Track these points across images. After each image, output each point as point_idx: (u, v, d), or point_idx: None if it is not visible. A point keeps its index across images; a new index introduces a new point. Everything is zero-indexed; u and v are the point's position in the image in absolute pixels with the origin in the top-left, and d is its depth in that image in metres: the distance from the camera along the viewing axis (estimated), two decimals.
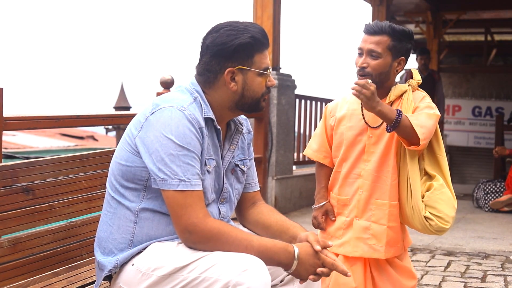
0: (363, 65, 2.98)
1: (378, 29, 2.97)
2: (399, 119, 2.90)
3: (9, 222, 2.50)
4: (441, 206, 3.00)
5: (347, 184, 3.13)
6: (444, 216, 2.99)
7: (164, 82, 5.26)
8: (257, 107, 2.43)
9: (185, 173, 2.22)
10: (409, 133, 2.92)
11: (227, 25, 2.37)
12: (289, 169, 7.76)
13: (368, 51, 2.98)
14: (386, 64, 2.99)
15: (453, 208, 3.03)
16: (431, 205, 3.00)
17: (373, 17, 10.43)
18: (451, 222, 3.01)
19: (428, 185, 3.03)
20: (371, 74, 2.97)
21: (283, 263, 2.28)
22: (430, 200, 3.00)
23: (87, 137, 21.75)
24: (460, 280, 4.76)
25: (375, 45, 2.97)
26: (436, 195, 3.00)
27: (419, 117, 2.95)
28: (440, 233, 3.05)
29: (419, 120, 2.93)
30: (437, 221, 2.99)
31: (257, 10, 7.42)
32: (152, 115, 2.28)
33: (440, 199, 3.00)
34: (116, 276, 2.36)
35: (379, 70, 2.98)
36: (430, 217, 2.99)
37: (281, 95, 7.41)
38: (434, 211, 2.99)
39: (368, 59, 2.98)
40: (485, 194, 8.38)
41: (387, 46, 2.97)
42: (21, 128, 4.23)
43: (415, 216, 3.01)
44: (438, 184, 3.02)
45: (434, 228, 3.00)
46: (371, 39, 2.98)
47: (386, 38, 2.97)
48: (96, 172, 2.95)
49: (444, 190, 3.02)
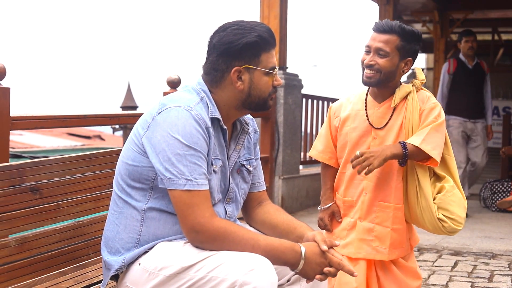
0: (371, 62, 2.97)
1: (388, 28, 2.96)
2: (406, 152, 2.93)
3: (16, 221, 2.50)
4: (453, 208, 3.01)
5: (353, 185, 3.12)
6: (457, 217, 3.00)
7: (171, 82, 5.26)
8: (264, 106, 2.43)
9: (192, 173, 2.22)
10: (423, 157, 2.96)
11: (234, 24, 2.37)
12: (296, 169, 7.75)
13: (376, 49, 2.96)
14: (393, 64, 2.97)
15: (464, 209, 3.04)
16: (444, 207, 3.00)
17: (380, 16, 10.41)
18: (463, 223, 3.03)
19: (440, 186, 3.03)
20: (379, 72, 2.96)
21: (289, 263, 2.28)
22: (442, 202, 3.00)
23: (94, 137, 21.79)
24: (467, 280, 4.75)
25: (383, 44, 2.95)
26: (448, 197, 3.01)
27: (428, 139, 2.95)
28: (452, 234, 3.07)
29: (430, 143, 2.94)
30: (450, 223, 3.00)
31: (264, 10, 7.42)
32: (159, 115, 2.28)
33: (452, 201, 3.01)
34: (123, 275, 2.36)
35: (387, 68, 2.96)
36: (444, 219, 3.00)
37: (287, 95, 7.40)
38: (447, 213, 3.00)
39: (376, 57, 2.97)
40: (492, 194, 8.35)
41: (396, 46, 2.96)
42: (28, 127, 4.24)
43: (426, 218, 3.00)
44: (449, 186, 3.02)
45: (447, 229, 3.01)
46: (380, 37, 2.97)
47: (395, 38, 2.95)
48: (103, 171, 2.96)
49: (455, 191, 3.03)
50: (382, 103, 3.06)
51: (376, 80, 2.98)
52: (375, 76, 2.97)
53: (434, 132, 2.97)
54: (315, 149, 3.25)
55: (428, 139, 2.94)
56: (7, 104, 3.78)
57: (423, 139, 2.94)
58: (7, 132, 3.81)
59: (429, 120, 2.99)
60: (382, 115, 3.06)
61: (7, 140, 3.81)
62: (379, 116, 3.05)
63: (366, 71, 2.99)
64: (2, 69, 3.74)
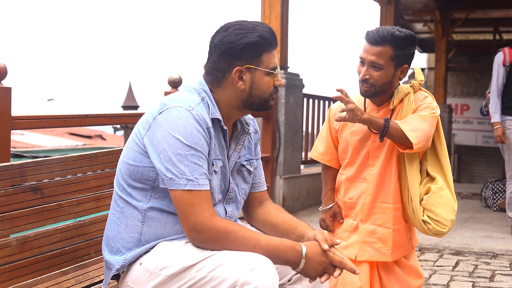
0: (366, 77, 2.94)
1: (379, 39, 2.90)
2: (387, 126, 2.92)
3: (17, 221, 2.51)
4: (438, 209, 2.99)
5: (353, 187, 3.13)
6: (441, 219, 2.99)
7: (172, 82, 5.26)
8: (265, 106, 2.43)
9: (193, 173, 2.22)
10: (401, 138, 2.92)
11: (235, 24, 2.37)
12: (297, 168, 7.75)
13: (370, 63, 2.93)
14: (388, 75, 2.95)
15: (452, 211, 3.01)
16: (429, 209, 3.00)
17: (381, 16, 10.41)
18: (449, 226, 3.01)
19: (427, 188, 3.03)
20: (374, 86, 2.95)
21: (291, 262, 2.28)
22: (428, 203, 3.00)
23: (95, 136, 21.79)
24: (468, 280, 4.75)
25: (376, 57, 2.91)
26: (434, 199, 3.00)
27: (410, 121, 2.93)
28: (439, 236, 3.07)
29: (411, 125, 2.91)
30: (434, 225, 2.99)
31: (265, 10, 7.42)
32: (160, 114, 2.29)
33: (438, 202, 2.99)
34: (124, 275, 2.37)
35: (382, 81, 2.95)
36: (428, 221, 2.99)
37: (289, 94, 7.41)
38: (431, 215, 2.99)
39: (371, 70, 2.94)
40: (493, 194, 8.35)
41: (389, 57, 2.92)
42: (29, 127, 4.24)
43: (416, 219, 3.02)
44: (436, 187, 3.01)
45: (432, 231, 3.01)
46: (372, 50, 2.92)
47: (388, 49, 2.91)
48: (104, 171, 2.96)
49: (443, 193, 3.01)
50: (381, 107, 3.06)
51: (373, 93, 2.98)
52: (370, 89, 2.96)
53: (418, 118, 2.94)
54: (316, 151, 3.25)
55: (409, 121, 2.93)
56: (8, 104, 3.78)
57: (404, 120, 2.94)
58: (8, 132, 3.81)
59: (420, 113, 2.98)
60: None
61: (8, 140, 3.82)
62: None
63: (361, 84, 2.98)
64: (3, 69, 3.74)
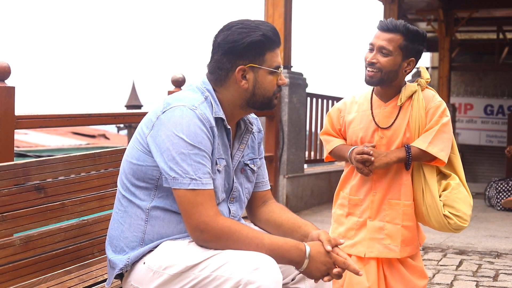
0: (373, 60, 2.97)
1: (392, 26, 2.96)
2: (410, 156, 2.99)
3: (21, 220, 2.51)
4: (459, 205, 3.03)
5: (361, 184, 3.12)
6: (462, 215, 3.03)
7: (176, 81, 5.27)
8: (269, 105, 2.43)
9: (196, 172, 2.22)
10: (428, 157, 3.00)
11: (238, 23, 2.37)
12: (301, 168, 7.75)
13: (379, 48, 2.97)
14: (395, 63, 2.97)
15: (470, 206, 3.07)
16: (450, 204, 3.03)
17: (385, 15, 10.41)
18: (468, 220, 3.06)
19: (445, 184, 3.06)
20: (380, 71, 2.96)
21: (294, 261, 2.27)
22: (448, 199, 3.03)
23: (99, 136, 21.80)
24: (472, 279, 4.74)
25: (387, 42, 2.95)
26: (454, 194, 3.04)
27: (434, 140, 2.98)
28: (457, 231, 3.10)
29: (435, 144, 2.98)
30: (456, 220, 3.03)
31: (268, 9, 7.42)
32: (164, 114, 2.28)
33: (458, 198, 3.04)
34: (127, 274, 2.37)
35: (388, 68, 2.96)
36: (450, 216, 3.03)
37: (292, 94, 7.40)
38: (452, 210, 3.03)
39: (378, 56, 2.97)
40: (497, 193, 8.34)
41: (399, 45, 2.95)
42: (33, 126, 4.24)
43: (432, 215, 3.02)
44: (455, 183, 3.05)
45: (453, 226, 3.04)
46: (383, 36, 2.97)
47: (399, 37, 2.95)
48: (108, 170, 2.96)
49: (461, 189, 3.06)
50: (388, 103, 3.07)
51: (378, 79, 2.98)
52: (376, 75, 2.97)
53: (441, 133, 3.00)
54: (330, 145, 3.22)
55: (435, 141, 2.98)
56: (11, 103, 3.78)
57: (430, 142, 2.98)
58: (12, 131, 3.81)
59: (435, 118, 3.01)
60: (389, 115, 3.06)
61: (11, 139, 3.81)
62: (386, 116, 3.06)
63: (368, 69, 2.99)
64: (7, 68, 3.74)
